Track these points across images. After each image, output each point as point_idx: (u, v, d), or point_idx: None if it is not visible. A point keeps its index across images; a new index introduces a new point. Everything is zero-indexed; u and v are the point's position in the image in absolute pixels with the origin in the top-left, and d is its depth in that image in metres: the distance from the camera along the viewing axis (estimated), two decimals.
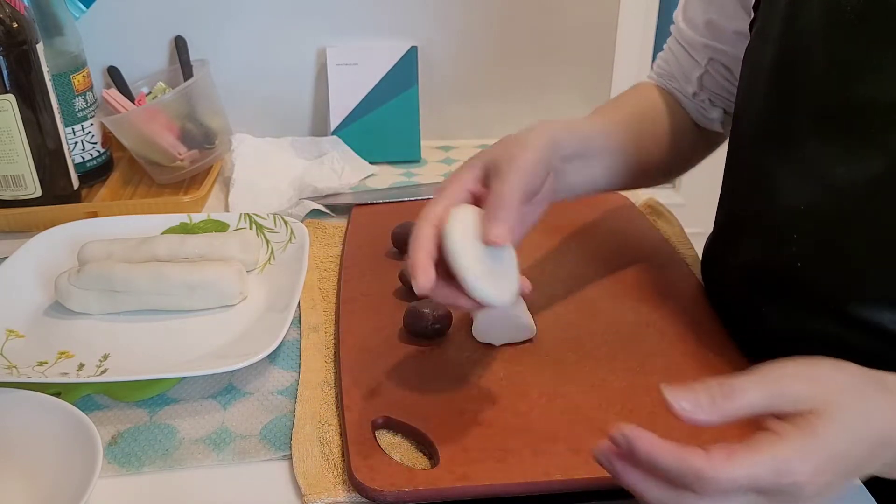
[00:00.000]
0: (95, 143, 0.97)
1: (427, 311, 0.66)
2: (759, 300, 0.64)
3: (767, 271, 0.62)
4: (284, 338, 0.67)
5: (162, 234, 0.80)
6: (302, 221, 0.88)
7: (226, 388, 0.64)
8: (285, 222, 0.82)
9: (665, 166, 0.77)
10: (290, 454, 0.57)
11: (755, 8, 0.64)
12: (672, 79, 0.78)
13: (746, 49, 0.65)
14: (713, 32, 0.72)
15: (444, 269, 0.53)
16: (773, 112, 0.60)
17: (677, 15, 0.77)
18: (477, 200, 0.57)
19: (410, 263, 0.53)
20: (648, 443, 0.43)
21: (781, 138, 0.59)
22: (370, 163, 1.05)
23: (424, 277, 0.52)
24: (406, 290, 0.73)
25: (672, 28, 0.78)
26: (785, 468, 0.41)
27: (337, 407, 0.61)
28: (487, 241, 0.53)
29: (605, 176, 0.70)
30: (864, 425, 0.44)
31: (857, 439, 0.44)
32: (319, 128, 1.12)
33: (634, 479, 0.44)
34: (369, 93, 1.06)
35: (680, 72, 0.77)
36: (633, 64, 1.16)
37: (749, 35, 0.65)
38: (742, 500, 0.42)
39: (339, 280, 0.76)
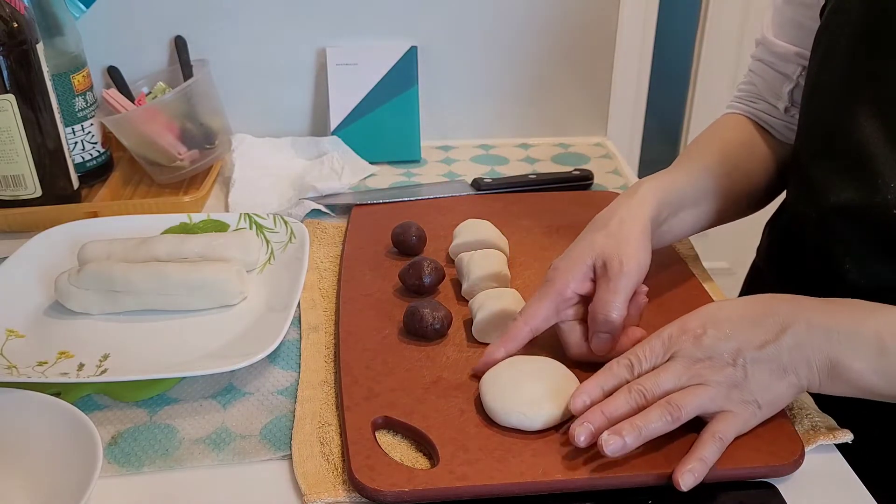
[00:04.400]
0: (95, 143, 0.97)
1: (427, 311, 0.66)
2: (844, 253, 0.65)
3: (858, 220, 0.63)
4: (284, 338, 0.67)
5: (162, 234, 0.80)
6: (302, 221, 0.88)
7: (226, 388, 0.64)
8: (285, 222, 0.82)
9: (754, 199, 0.79)
10: (290, 454, 0.57)
11: None
12: (759, 99, 0.80)
13: (819, 28, 0.68)
14: (803, 37, 0.73)
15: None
16: (862, 71, 0.62)
17: (764, 31, 0.79)
18: (583, 298, 0.64)
19: (487, 352, 0.61)
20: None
21: (873, 93, 0.61)
22: (370, 163, 1.04)
23: (484, 365, 0.61)
24: (406, 290, 0.73)
25: (755, 51, 0.80)
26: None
27: (337, 407, 0.61)
28: (596, 351, 0.62)
29: (696, 224, 0.74)
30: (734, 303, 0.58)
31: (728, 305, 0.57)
32: (319, 128, 1.12)
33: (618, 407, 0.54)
34: (369, 93, 1.06)
35: (769, 90, 0.79)
36: (633, 64, 1.16)
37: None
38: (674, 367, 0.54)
39: (339, 280, 0.76)
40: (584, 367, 0.63)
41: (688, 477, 0.51)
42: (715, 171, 0.74)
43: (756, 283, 0.85)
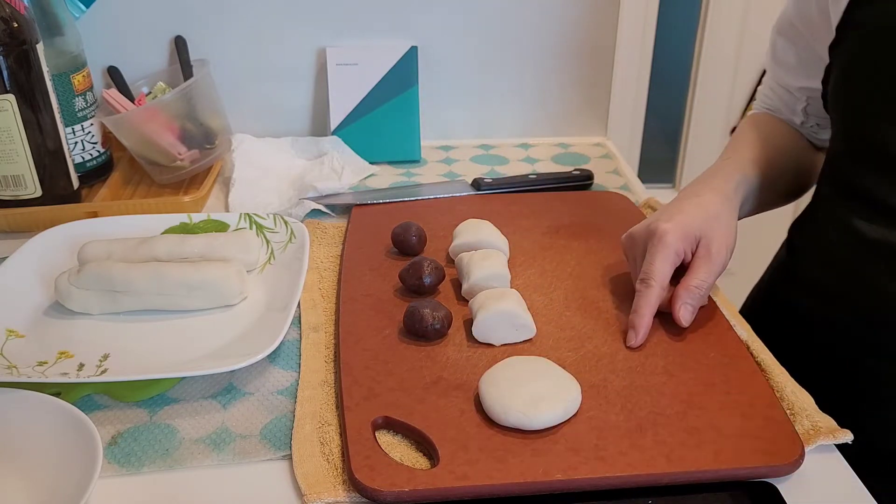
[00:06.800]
0: (95, 143, 0.97)
1: (427, 311, 0.66)
2: (880, 268, 0.65)
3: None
4: (284, 338, 0.67)
5: (162, 234, 0.81)
6: (302, 221, 0.88)
7: (226, 388, 0.64)
8: (285, 222, 0.82)
9: (793, 188, 0.82)
10: (290, 454, 0.57)
11: (848, 10, 0.66)
12: (779, 112, 0.84)
13: (834, 42, 0.68)
14: (806, 69, 0.75)
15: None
16: None
17: (767, 58, 0.82)
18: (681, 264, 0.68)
19: (636, 320, 0.65)
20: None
21: None
22: (370, 163, 1.05)
23: (643, 334, 0.65)
24: (406, 290, 0.73)
25: (766, 66, 0.83)
26: None
27: (337, 407, 0.61)
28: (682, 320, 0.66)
29: (744, 212, 0.77)
30: None
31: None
32: (319, 128, 1.12)
33: None
34: (369, 93, 1.06)
35: (784, 106, 0.82)
36: (633, 64, 1.16)
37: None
38: None
39: (339, 280, 0.76)
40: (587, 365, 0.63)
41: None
42: (761, 163, 0.77)
43: (777, 287, 0.85)
